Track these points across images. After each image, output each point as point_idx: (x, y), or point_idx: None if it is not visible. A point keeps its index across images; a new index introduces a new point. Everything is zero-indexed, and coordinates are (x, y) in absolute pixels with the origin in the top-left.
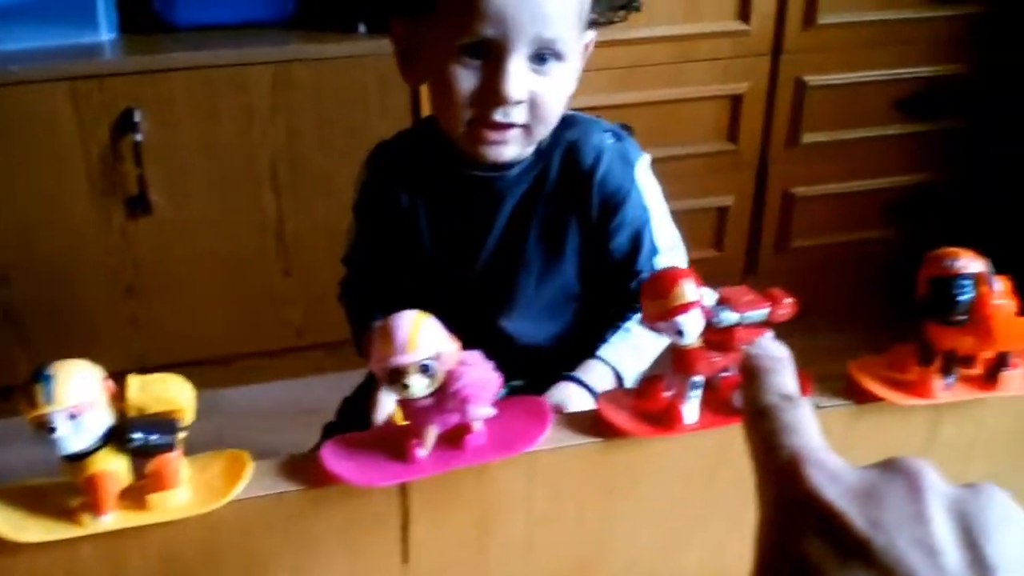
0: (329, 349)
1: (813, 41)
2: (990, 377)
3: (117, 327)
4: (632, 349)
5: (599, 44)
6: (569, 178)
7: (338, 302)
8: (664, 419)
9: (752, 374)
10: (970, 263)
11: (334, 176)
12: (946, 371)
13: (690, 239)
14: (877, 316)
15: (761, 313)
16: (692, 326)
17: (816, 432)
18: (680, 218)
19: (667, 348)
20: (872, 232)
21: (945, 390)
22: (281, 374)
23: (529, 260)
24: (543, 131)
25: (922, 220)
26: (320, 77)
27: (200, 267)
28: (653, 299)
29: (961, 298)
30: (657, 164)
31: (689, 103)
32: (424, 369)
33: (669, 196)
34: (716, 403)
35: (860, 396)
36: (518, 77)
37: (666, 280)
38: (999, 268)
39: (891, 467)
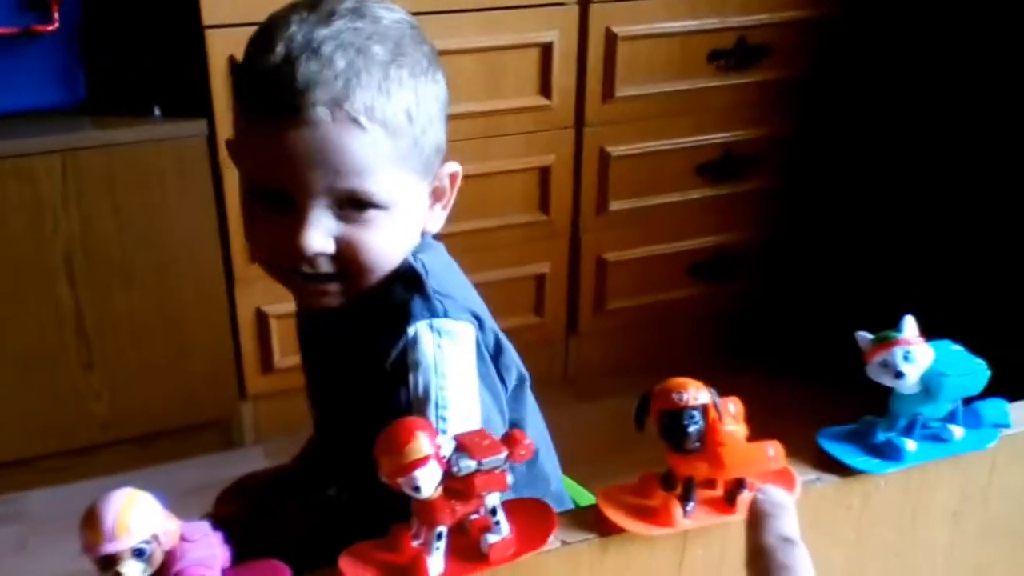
0: (140, 442)
1: (613, 113)
2: (730, 500)
3: None
4: None
5: None
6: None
7: None
8: (410, 571)
9: (755, 517)
10: (698, 394)
11: (133, 264)
12: (685, 497)
13: (511, 306)
14: (688, 369)
15: (499, 458)
16: (429, 480)
17: (809, 572)
18: (500, 286)
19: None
20: (681, 291)
21: (686, 517)
22: (90, 472)
23: (345, 388)
24: (367, 280)
25: (727, 277)
26: (114, 163)
27: None
28: (387, 455)
29: (690, 429)
30: (474, 236)
31: (499, 176)
32: (139, 553)
33: (487, 266)
34: (466, 548)
35: (605, 528)
36: (317, 229)
37: (400, 435)
38: (807, 322)
39: None
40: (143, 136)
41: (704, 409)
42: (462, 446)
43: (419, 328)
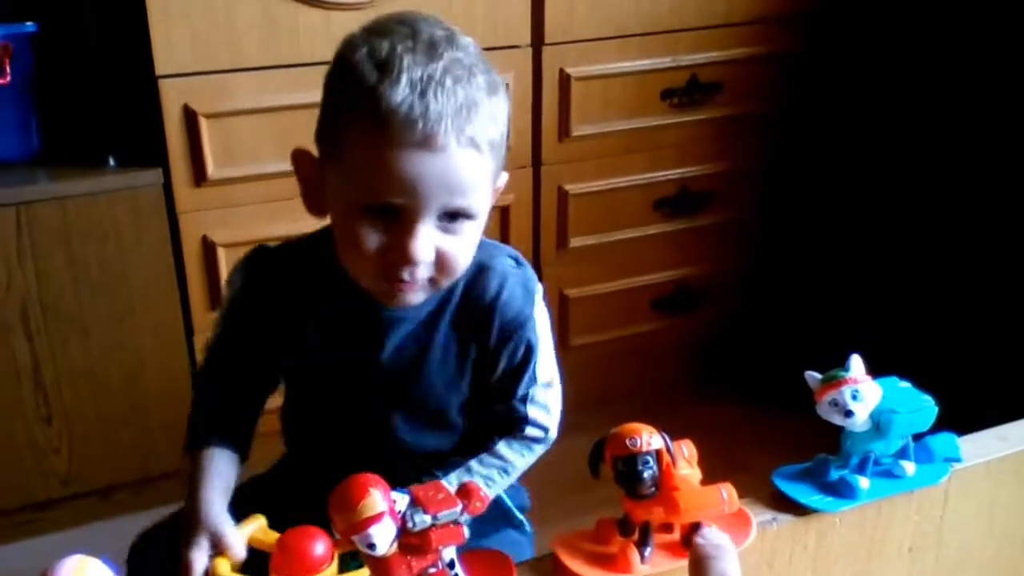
0: (101, 495)
1: (570, 152)
2: (687, 544)
3: None
4: None
5: None
6: (472, 301)
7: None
8: None
9: (697, 559)
10: (651, 439)
11: (90, 316)
12: (642, 543)
13: None
14: (655, 402)
15: (454, 511)
16: (383, 536)
17: None
18: None
19: None
20: (644, 325)
21: (644, 563)
22: (50, 527)
23: (426, 379)
24: (449, 282)
25: (689, 310)
26: (69, 215)
27: None
28: (341, 512)
29: (645, 475)
30: None
31: None
32: None
33: None
34: None
35: None
36: (426, 240)
37: (353, 492)
38: (771, 352)
39: None
40: (98, 187)
41: (658, 454)
42: (417, 500)
43: (538, 295)
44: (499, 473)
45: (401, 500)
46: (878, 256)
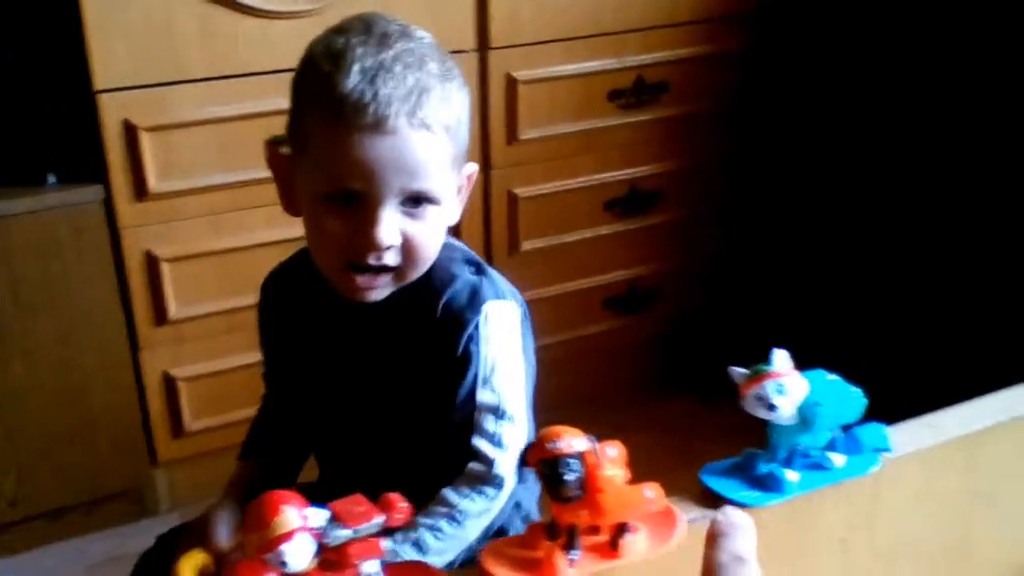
0: (50, 517)
1: (518, 155)
2: (614, 545)
3: None
4: (413, 544)
5: None
6: (418, 300)
7: None
8: None
9: (712, 536)
10: (573, 441)
11: (34, 335)
12: (569, 546)
13: None
14: (611, 401)
15: (375, 524)
16: (298, 554)
17: None
18: None
19: None
20: (598, 325)
21: (571, 566)
22: (1, 551)
23: (390, 388)
24: (416, 273)
25: (642, 309)
26: (10, 234)
27: None
28: (252, 531)
29: (568, 478)
30: None
31: None
32: None
33: None
34: None
35: None
36: (389, 224)
37: (264, 510)
38: (726, 347)
39: None
40: (38, 205)
41: (582, 456)
42: (336, 515)
43: (489, 307)
44: (447, 522)
45: (319, 516)
46: (824, 250)
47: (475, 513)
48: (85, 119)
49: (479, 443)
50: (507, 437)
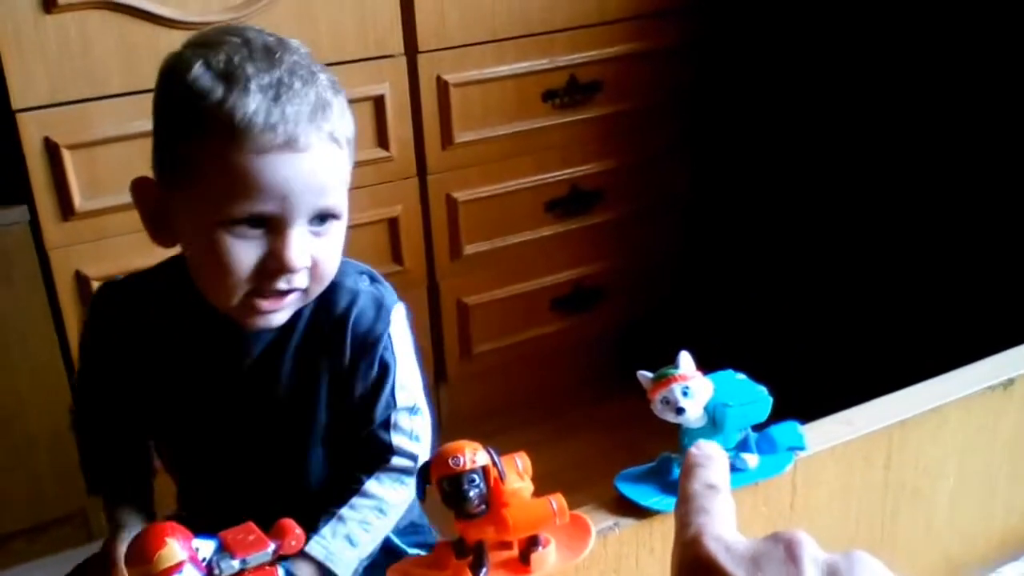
0: None
1: (455, 159)
2: (524, 559)
3: None
4: (345, 539)
5: None
6: (322, 321)
7: (70, 431)
8: None
9: (686, 468)
10: (475, 456)
11: None
12: (477, 564)
13: None
14: (560, 402)
15: (266, 552)
16: None
17: (726, 515)
18: None
19: None
20: (546, 327)
21: None
22: None
23: (279, 407)
24: (320, 290)
25: (588, 308)
26: None
27: None
28: (136, 565)
29: (471, 494)
30: None
31: (347, 230)
32: None
33: None
34: None
35: None
36: (301, 246)
37: (148, 543)
38: (669, 342)
39: (775, 537)
40: None
41: (484, 470)
42: (225, 545)
43: (394, 313)
44: (375, 514)
45: (206, 547)
46: (758, 245)
47: (399, 503)
48: (5, 139)
49: (399, 440)
50: (420, 430)
